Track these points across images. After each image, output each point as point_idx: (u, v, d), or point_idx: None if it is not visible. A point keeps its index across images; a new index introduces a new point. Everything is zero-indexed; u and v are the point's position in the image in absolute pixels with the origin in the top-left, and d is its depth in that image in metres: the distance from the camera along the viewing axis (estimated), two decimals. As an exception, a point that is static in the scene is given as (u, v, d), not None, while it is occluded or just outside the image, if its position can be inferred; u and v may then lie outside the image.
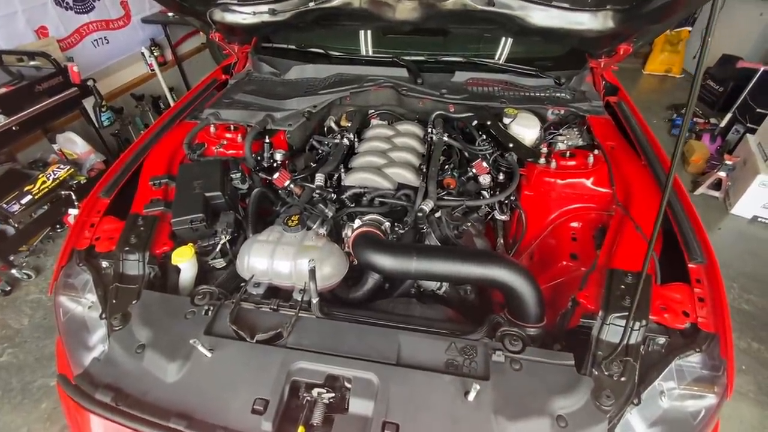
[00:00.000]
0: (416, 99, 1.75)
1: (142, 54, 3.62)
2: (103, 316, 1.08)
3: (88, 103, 2.64)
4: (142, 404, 0.88)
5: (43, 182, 2.37)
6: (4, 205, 2.20)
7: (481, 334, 1.00)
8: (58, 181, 2.42)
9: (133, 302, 1.08)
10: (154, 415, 0.86)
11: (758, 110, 3.07)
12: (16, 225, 2.23)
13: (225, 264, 1.30)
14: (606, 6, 1.42)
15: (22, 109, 2.13)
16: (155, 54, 3.66)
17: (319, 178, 1.40)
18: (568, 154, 1.44)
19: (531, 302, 1.05)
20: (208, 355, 0.93)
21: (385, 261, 1.09)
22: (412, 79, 1.80)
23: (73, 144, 2.64)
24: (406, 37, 1.96)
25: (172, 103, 3.50)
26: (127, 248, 1.16)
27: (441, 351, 0.95)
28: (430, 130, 1.63)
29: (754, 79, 3.10)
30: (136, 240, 1.18)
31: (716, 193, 2.92)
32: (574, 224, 1.39)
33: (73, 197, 2.46)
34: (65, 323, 1.14)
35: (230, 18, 1.66)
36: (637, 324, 0.94)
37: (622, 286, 1.02)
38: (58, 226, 2.57)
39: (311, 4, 1.56)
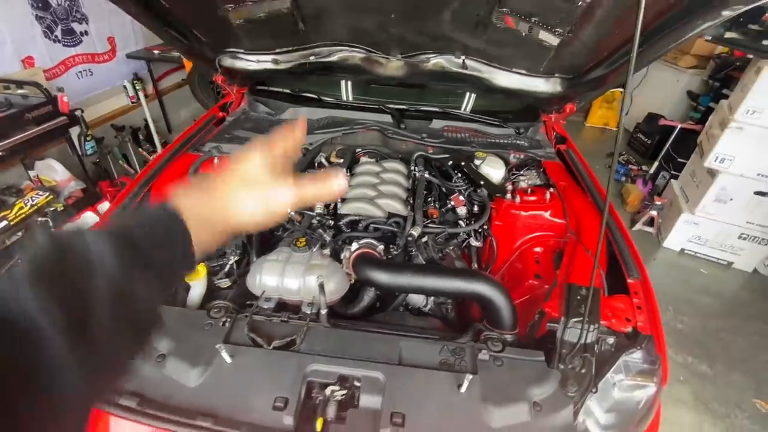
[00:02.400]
0: (400, 141, 2.00)
1: (124, 87, 3.71)
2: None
3: (74, 132, 2.67)
4: (167, 407, 0.96)
5: (21, 208, 2.33)
6: (-23, 231, 2.15)
7: (467, 339, 1.17)
8: (35, 207, 2.39)
9: (150, 316, 1.15)
10: (180, 415, 0.94)
11: (679, 160, 3.63)
12: (-13, 251, 2.17)
13: (229, 284, 1.41)
14: (554, 74, 1.77)
15: (10, 135, 2.15)
16: (137, 88, 3.76)
17: (319, 206, 1.56)
18: (529, 191, 1.72)
19: (506, 312, 1.25)
20: (229, 360, 1.03)
21: (383, 277, 1.26)
22: (395, 124, 2.05)
23: (53, 171, 2.63)
24: (388, 88, 2.25)
25: (155, 134, 3.56)
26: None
27: (435, 353, 1.11)
28: (413, 167, 1.87)
29: (674, 135, 3.70)
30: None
31: (650, 229, 3.37)
32: (537, 249, 1.63)
33: (50, 224, 2.42)
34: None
35: (236, 64, 1.85)
36: (592, 327, 1.15)
37: (578, 297, 1.24)
38: (28, 253, 2.50)
39: (312, 58, 1.79)
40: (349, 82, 2.28)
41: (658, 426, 1.21)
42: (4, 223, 2.25)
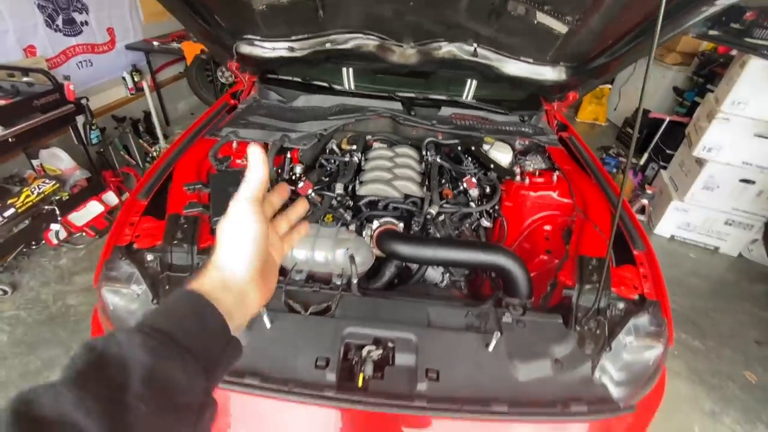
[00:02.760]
0: (411, 127, 2.06)
1: (123, 78, 3.69)
2: (155, 301, 1.19)
3: (79, 120, 2.66)
4: (214, 368, 1.01)
5: (27, 196, 2.32)
6: (-15, 218, 2.14)
7: (489, 305, 1.25)
8: (42, 195, 2.39)
9: (187, 287, 1.19)
10: (229, 374, 0.99)
11: (668, 151, 3.79)
12: (-3, 238, 2.16)
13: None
14: (560, 63, 1.86)
15: (19, 122, 2.15)
16: (136, 79, 3.75)
17: (339, 187, 1.62)
18: (537, 173, 1.81)
19: (523, 282, 1.33)
20: (269, 325, 1.08)
21: (407, 249, 1.32)
22: (406, 111, 2.12)
23: (58, 160, 2.61)
24: (395, 77, 2.31)
25: (157, 125, 3.55)
26: (175, 241, 1.28)
27: (461, 317, 1.18)
28: (425, 152, 1.94)
29: (662, 127, 3.86)
30: (182, 235, 1.30)
31: (642, 217, 3.51)
32: (547, 227, 1.72)
33: (57, 212, 2.42)
34: (113, 312, 1.22)
35: (253, 51, 1.89)
36: (604, 293, 1.24)
37: (590, 267, 1.32)
38: (33, 242, 2.48)
39: (327, 45, 1.85)
40: (352, 70, 2.32)
41: (664, 384, 1.31)
42: (12, 210, 2.24)
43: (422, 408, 0.96)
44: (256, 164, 0.48)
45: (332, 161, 1.91)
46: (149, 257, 1.30)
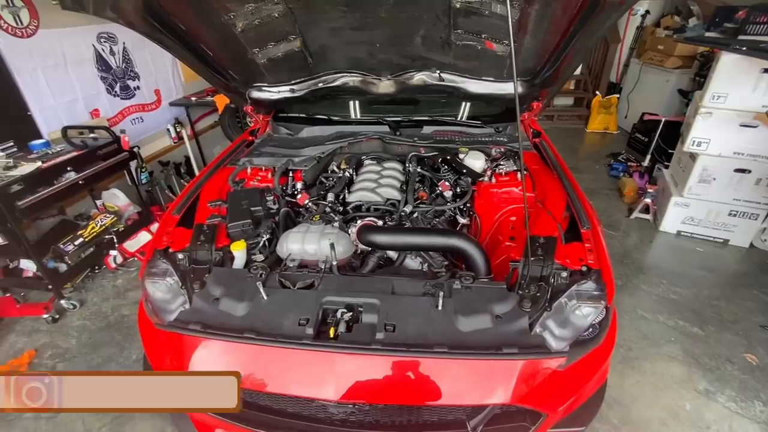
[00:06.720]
0: (397, 145, 2.39)
1: (167, 130, 4.35)
2: (183, 286, 1.54)
3: (132, 165, 3.24)
4: (223, 328, 1.32)
5: (92, 228, 2.85)
6: (61, 246, 2.66)
7: (446, 277, 1.49)
8: (104, 227, 2.91)
9: (206, 275, 1.54)
10: (233, 332, 1.30)
11: (670, 151, 3.85)
12: (69, 262, 2.66)
13: (263, 259, 1.79)
14: (516, 78, 2.14)
15: (87, 168, 2.71)
16: (177, 129, 4.40)
17: (331, 196, 1.96)
18: (504, 173, 2.06)
19: (479, 259, 1.57)
20: (265, 297, 1.39)
21: (380, 238, 1.61)
22: (392, 133, 2.46)
23: (116, 198, 3.18)
24: (386, 105, 2.67)
25: (195, 168, 4.13)
26: (199, 242, 1.65)
27: (419, 286, 1.43)
28: (407, 165, 2.25)
29: (659, 128, 3.94)
30: (204, 238, 1.68)
31: (647, 216, 3.55)
32: (512, 218, 1.94)
33: (115, 240, 2.93)
34: (152, 298, 1.58)
35: (262, 96, 2.33)
36: (546, 263, 1.45)
37: (537, 244, 1.54)
38: (96, 267, 2.99)
39: (320, 84, 2.25)
40: (356, 102, 2.72)
41: (614, 339, 1.47)
42: (81, 240, 2.76)
43: (378, 349, 1.21)
44: None
45: (330, 178, 2.27)
46: (180, 256, 1.67)
